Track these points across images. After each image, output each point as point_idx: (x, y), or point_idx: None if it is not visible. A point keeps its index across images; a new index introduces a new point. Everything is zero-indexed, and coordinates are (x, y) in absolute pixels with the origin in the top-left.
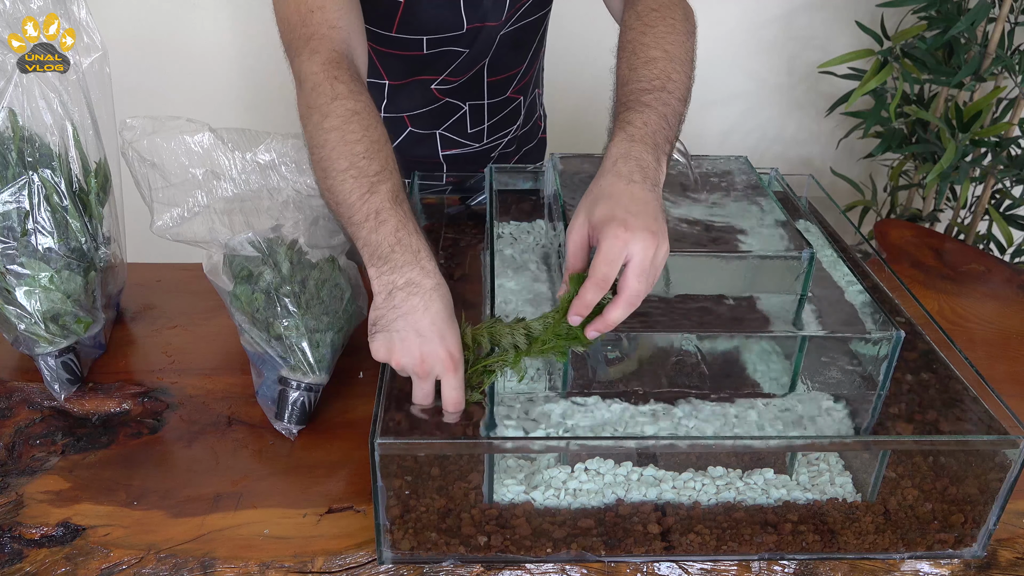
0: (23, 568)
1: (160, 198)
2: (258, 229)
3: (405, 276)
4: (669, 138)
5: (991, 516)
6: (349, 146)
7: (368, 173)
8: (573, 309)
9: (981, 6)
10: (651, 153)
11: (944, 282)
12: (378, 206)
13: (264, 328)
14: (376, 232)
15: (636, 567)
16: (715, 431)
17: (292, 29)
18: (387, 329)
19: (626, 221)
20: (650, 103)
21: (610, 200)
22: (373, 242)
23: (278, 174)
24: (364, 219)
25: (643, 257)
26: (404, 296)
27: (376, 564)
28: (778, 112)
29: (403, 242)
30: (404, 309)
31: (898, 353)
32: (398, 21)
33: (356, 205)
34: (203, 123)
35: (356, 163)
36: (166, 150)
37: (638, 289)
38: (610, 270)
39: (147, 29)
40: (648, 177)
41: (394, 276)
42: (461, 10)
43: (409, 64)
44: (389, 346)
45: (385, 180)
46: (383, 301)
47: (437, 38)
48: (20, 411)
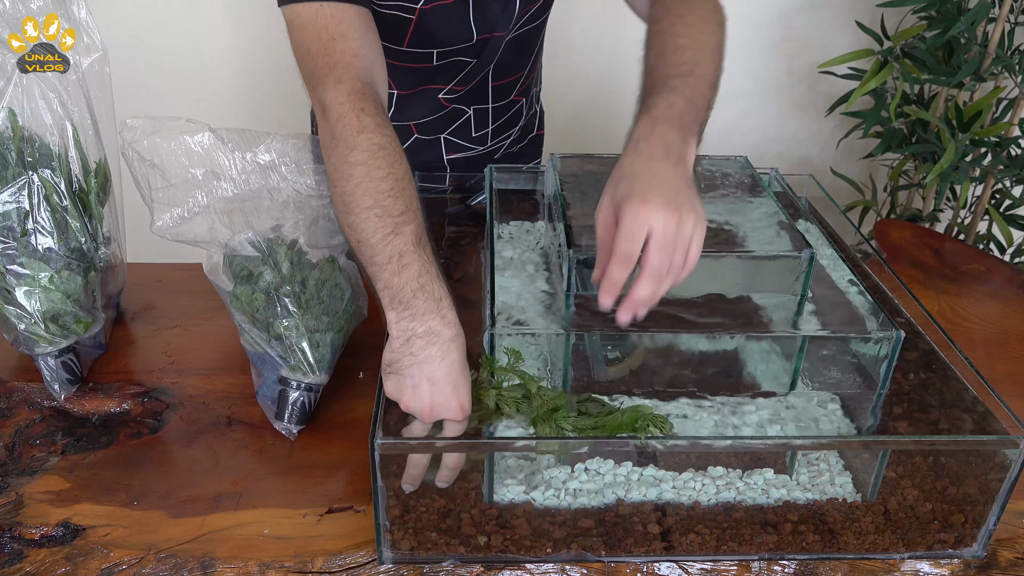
0: (23, 568)
1: (160, 198)
2: (258, 229)
3: (425, 324)
4: (697, 120)
5: (991, 516)
6: (375, 183)
7: (393, 213)
8: (603, 290)
9: (981, 6)
10: (676, 132)
11: (944, 282)
12: (401, 248)
13: (264, 328)
14: (399, 275)
15: (636, 567)
16: (715, 431)
17: (314, 57)
18: (401, 374)
19: (645, 196)
20: (676, 87)
21: (631, 179)
22: (395, 285)
23: (278, 174)
24: (387, 261)
25: (664, 230)
26: (423, 345)
27: (376, 564)
28: (778, 112)
29: (425, 288)
30: (421, 357)
31: (898, 353)
32: (409, 35)
33: (379, 246)
34: (203, 123)
35: (381, 201)
36: (166, 150)
37: (659, 263)
38: (631, 245)
39: (147, 29)
40: (671, 154)
41: (414, 324)
42: (471, 21)
43: (418, 75)
44: (401, 390)
45: (409, 221)
46: (400, 346)
47: (447, 50)
48: (20, 411)
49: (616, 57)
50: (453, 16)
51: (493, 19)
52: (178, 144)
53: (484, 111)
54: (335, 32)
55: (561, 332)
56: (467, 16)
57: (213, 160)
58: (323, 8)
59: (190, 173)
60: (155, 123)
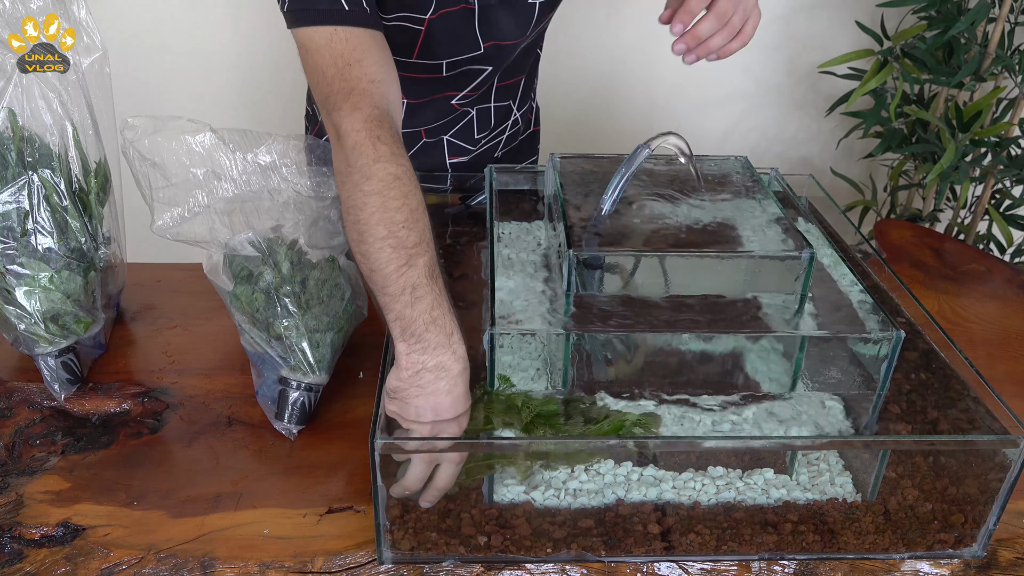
0: (23, 568)
1: (160, 198)
2: (258, 229)
3: (436, 359)
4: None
5: (991, 516)
6: (389, 213)
7: (407, 244)
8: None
9: (981, 6)
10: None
11: (944, 282)
12: (415, 281)
13: (264, 328)
14: (411, 308)
15: (636, 567)
16: (715, 431)
17: (329, 83)
18: (407, 402)
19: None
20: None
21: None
22: (407, 317)
23: (279, 175)
24: (399, 292)
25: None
26: (432, 379)
27: (376, 564)
28: (778, 112)
29: (437, 322)
30: (429, 390)
31: (898, 353)
32: (418, 47)
33: (392, 277)
34: (205, 123)
35: (395, 232)
36: (167, 150)
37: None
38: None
39: (147, 29)
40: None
41: (425, 357)
42: (476, 31)
43: (428, 85)
44: (404, 414)
45: (423, 253)
46: (409, 378)
47: (455, 60)
48: (20, 411)
49: (616, 57)
50: (458, 25)
51: (501, 29)
52: (179, 144)
53: (487, 111)
54: (351, 58)
55: (561, 332)
56: (472, 25)
57: (214, 160)
58: (337, 32)
59: (191, 173)
60: (156, 122)
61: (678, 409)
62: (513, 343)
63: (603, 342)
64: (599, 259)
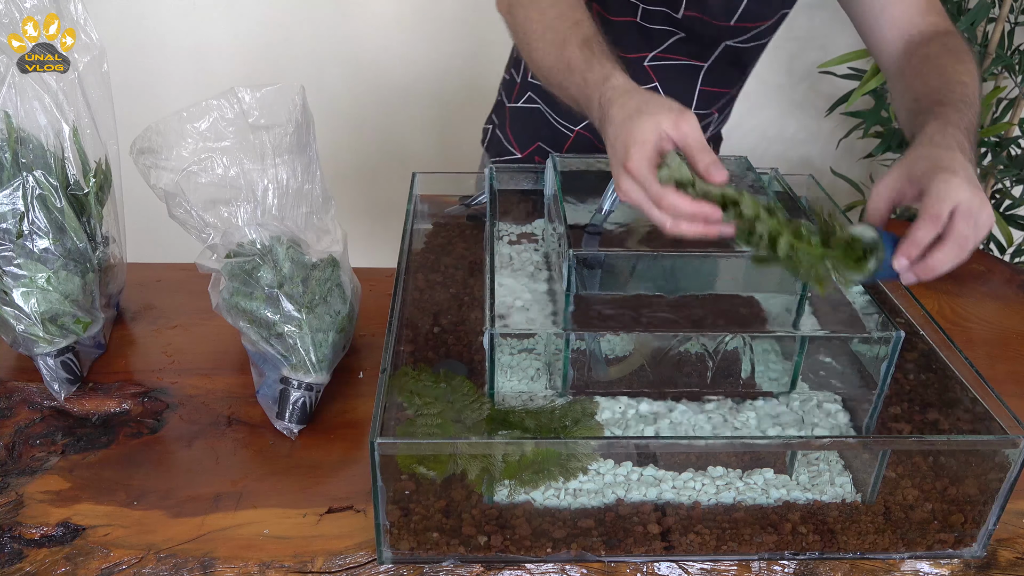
0: (23, 568)
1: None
2: (258, 228)
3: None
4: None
5: (991, 516)
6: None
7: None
8: (902, 251)
9: (981, 6)
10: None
11: (944, 282)
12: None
13: (265, 327)
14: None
15: (636, 567)
16: (715, 431)
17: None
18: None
19: (952, 169)
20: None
21: (932, 159)
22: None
23: (279, 172)
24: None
25: (970, 203)
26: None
27: (376, 564)
28: (778, 112)
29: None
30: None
31: (898, 353)
32: None
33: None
34: (205, 123)
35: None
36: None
37: (966, 233)
38: (941, 208)
39: (147, 29)
40: (965, 152)
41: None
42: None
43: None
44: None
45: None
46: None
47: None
48: (20, 411)
49: None
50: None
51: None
52: (179, 141)
53: None
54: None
55: (561, 332)
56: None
57: (217, 160)
58: None
59: (193, 173)
60: (159, 128)
61: (678, 409)
62: (513, 343)
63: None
64: (599, 259)
